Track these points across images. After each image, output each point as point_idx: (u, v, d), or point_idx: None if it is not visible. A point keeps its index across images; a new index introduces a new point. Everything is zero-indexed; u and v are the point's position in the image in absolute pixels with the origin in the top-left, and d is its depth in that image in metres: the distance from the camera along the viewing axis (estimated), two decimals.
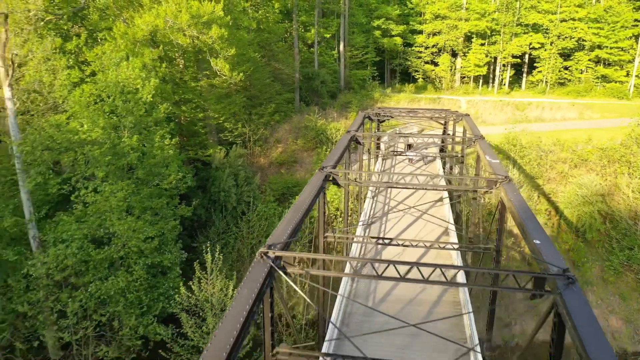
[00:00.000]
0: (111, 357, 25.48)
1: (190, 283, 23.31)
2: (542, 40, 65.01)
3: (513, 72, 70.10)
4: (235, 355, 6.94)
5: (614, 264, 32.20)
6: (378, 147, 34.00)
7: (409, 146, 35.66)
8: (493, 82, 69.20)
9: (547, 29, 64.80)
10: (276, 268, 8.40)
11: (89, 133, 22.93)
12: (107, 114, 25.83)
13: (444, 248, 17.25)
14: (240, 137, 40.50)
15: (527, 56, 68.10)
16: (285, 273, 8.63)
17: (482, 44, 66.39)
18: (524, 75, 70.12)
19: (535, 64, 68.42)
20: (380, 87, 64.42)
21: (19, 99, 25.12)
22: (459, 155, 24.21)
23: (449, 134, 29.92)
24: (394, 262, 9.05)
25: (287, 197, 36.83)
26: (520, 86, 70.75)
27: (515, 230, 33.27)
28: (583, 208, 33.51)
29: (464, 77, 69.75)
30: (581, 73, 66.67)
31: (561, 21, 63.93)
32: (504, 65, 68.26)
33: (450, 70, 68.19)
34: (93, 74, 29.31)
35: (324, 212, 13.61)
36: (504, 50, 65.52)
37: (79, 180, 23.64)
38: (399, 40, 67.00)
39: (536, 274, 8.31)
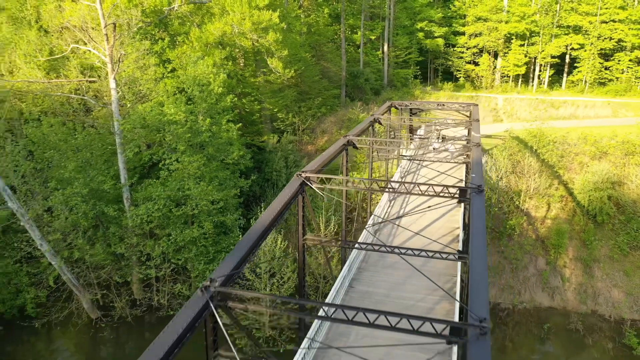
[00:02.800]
0: (185, 295, 32.14)
1: (253, 295, 29.47)
2: (581, 41, 67.35)
3: (553, 71, 72.55)
4: (279, 220, 12.67)
5: (619, 242, 35.83)
6: (410, 132, 38.99)
7: (443, 138, 40.46)
8: (533, 81, 72.06)
9: (586, 30, 67.10)
10: (306, 182, 14.10)
11: (174, 116, 29.49)
12: (186, 101, 32.52)
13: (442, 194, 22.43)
14: (290, 126, 46.61)
15: (567, 56, 70.49)
16: (311, 187, 14.31)
17: (522, 45, 69.52)
18: (565, 74, 72.47)
19: (575, 64, 70.73)
20: (421, 85, 69.01)
21: (120, 89, 32.16)
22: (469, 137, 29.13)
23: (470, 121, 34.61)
24: (415, 183, 14.48)
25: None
26: (560, 85, 73.11)
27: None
28: (594, 193, 37.16)
29: (504, 76, 72.99)
30: (622, 73, 68.44)
31: (601, 22, 66.12)
32: (542, 65, 71.02)
33: (490, 69, 71.68)
34: (173, 70, 36.21)
35: (347, 168, 19.16)
36: (542, 50, 68.37)
37: (165, 152, 30.37)
38: (441, 41, 71.24)
39: (461, 188, 13.54)
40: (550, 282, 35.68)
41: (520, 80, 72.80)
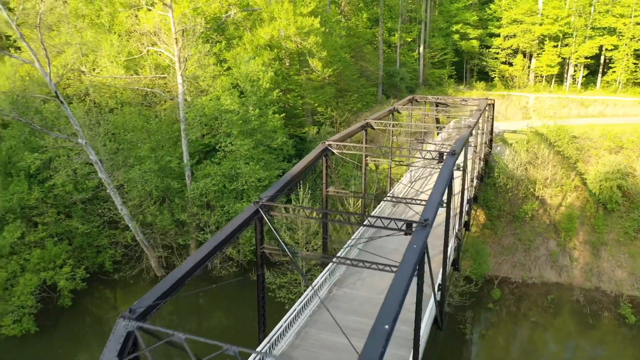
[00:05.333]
0: (235, 258, 38.02)
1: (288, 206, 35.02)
2: (615, 42, 69.22)
3: (587, 72, 74.58)
4: (307, 172, 17.98)
5: (626, 227, 39.10)
6: (437, 122, 43.45)
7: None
8: (566, 81, 74.39)
9: (620, 32, 68.95)
10: (328, 147, 19.35)
11: (229, 106, 35.43)
12: (238, 94, 38.48)
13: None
14: (329, 119, 51.94)
15: (602, 57, 72.41)
16: (333, 152, 19.53)
17: (555, 46, 72.06)
18: (599, 75, 74.36)
19: (610, 65, 72.55)
20: (456, 84, 72.87)
21: (184, 84, 38.45)
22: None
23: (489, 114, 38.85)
24: (409, 148, 19.53)
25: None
26: (595, 85, 75.01)
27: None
28: (605, 183, 40.45)
29: (538, 76, 75.65)
30: None
31: (635, 24, 67.85)
32: (576, 66, 73.24)
33: (524, 69, 74.57)
34: (228, 68, 42.28)
35: (365, 146, 24.26)
36: (576, 52, 70.71)
37: (221, 136, 36.40)
38: (476, 42, 74.80)
39: (440, 152, 18.35)
40: (559, 261, 39.38)
41: (553, 80, 75.24)
